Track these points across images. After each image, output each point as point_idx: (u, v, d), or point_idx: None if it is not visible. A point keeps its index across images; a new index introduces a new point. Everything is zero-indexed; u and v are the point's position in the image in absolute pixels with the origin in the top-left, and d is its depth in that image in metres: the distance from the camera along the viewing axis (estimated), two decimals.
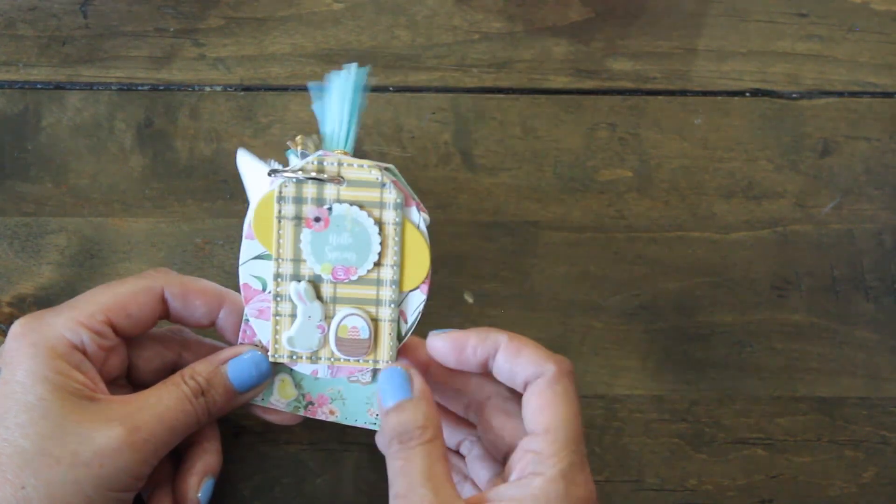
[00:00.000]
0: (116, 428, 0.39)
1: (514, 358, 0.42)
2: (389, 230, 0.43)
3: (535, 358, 0.42)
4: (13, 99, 0.52)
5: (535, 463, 0.40)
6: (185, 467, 0.44)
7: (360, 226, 0.43)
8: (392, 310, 0.44)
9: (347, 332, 0.43)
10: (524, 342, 0.42)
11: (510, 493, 0.39)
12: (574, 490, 0.39)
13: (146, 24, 0.53)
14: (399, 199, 0.43)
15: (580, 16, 0.54)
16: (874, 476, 0.50)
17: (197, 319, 0.44)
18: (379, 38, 0.53)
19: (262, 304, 0.44)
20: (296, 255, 0.43)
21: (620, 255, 0.51)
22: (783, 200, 0.52)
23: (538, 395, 0.41)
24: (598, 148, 0.52)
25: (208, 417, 0.42)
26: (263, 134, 0.52)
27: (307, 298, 0.43)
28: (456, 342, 0.43)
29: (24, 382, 0.39)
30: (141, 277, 0.43)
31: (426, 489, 0.39)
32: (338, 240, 0.43)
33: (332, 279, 0.43)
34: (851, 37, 0.54)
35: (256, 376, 0.43)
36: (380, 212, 0.43)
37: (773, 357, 0.51)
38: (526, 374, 0.42)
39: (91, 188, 0.51)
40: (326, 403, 0.45)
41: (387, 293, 0.44)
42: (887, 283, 0.51)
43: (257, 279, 0.44)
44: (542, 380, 0.41)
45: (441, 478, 0.39)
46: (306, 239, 0.43)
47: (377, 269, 0.43)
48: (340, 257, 0.43)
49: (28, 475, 0.38)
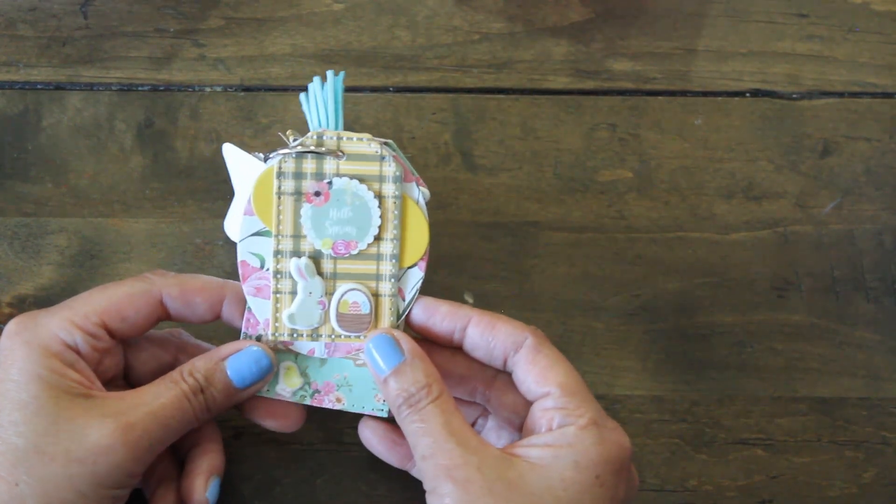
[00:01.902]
0: (110, 424, 0.39)
1: (489, 332, 0.42)
2: (389, 203, 0.43)
3: (511, 329, 0.42)
4: (13, 99, 0.52)
5: (563, 416, 0.40)
6: (191, 468, 0.44)
7: (361, 199, 0.43)
8: (392, 284, 0.44)
9: (349, 308, 0.44)
10: (496, 316, 0.43)
11: (545, 439, 0.39)
12: (609, 434, 0.40)
13: (146, 25, 0.53)
14: (398, 172, 0.43)
15: (580, 16, 0.54)
16: (874, 476, 0.50)
17: (200, 316, 0.44)
18: (379, 38, 0.53)
19: (259, 282, 0.44)
20: (296, 230, 0.43)
21: (620, 256, 0.51)
22: (783, 201, 0.52)
23: (532, 362, 0.41)
24: (598, 148, 0.52)
25: (208, 414, 0.42)
26: (263, 134, 0.52)
27: (308, 274, 0.43)
28: (428, 305, 0.44)
29: (17, 380, 0.39)
30: (138, 280, 0.43)
31: (451, 444, 0.39)
32: (338, 214, 0.43)
33: (333, 254, 0.43)
34: (851, 37, 0.54)
35: (257, 372, 0.43)
36: (380, 185, 0.43)
37: (773, 357, 0.51)
38: (505, 346, 0.42)
39: (91, 188, 0.51)
40: (333, 391, 0.45)
41: (387, 268, 0.44)
42: (887, 284, 0.51)
43: (255, 256, 0.44)
44: (527, 348, 0.42)
45: (463, 429, 0.40)
46: (306, 214, 0.43)
47: (377, 243, 0.44)
48: (341, 231, 0.43)
49: (22, 472, 0.38)
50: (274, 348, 0.44)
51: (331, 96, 0.44)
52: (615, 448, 0.39)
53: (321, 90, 0.44)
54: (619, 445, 0.40)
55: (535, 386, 0.41)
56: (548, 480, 0.38)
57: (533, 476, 0.38)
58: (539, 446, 0.39)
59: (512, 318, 0.43)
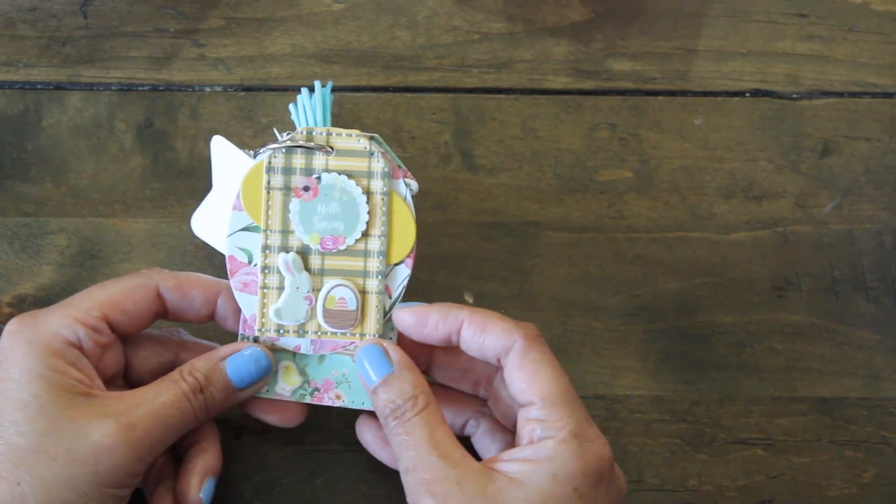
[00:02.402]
0: (111, 424, 0.39)
1: (480, 334, 0.42)
2: (377, 199, 0.44)
3: (501, 331, 0.42)
4: (13, 99, 0.52)
5: (543, 429, 0.40)
6: (186, 468, 0.44)
7: (349, 195, 0.43)
8: (379, 281, 0.44)
9: (335, 304, 0.44)
10: (487, 316, 0.42)
11: (524, 453, 0.40)
12: (588, 446, 0.40)
13: (146, 25, 0.53)
14: (387, 168, 0.43)
15: (580, 16, 0.54)
16: (874, 476, 0.50)
17: (196, 311, 0.44)
18: (379, 38, 0.53)
19: (246, 278, 0.44)
20: (284, 225, 0.44)
21: (620, 256, 0.51)
22: (783, 201, 0.52)
23: (519, 368, 0.41)
24: (598, 148, 0.52)
25: (207, 414, 0.42)
26: (263, 134, 0.52)
27: (295, 269, 0.43)
28: (419, 316, 0.43)
29: (19, 380, 0.39)
30: (135, 275, 0.44)
31: (434, 457, 0.39)
32: (326, 209, 0.43)
33: (321, 249, 0.44)
34: (851, 37, 0.54)
35: (256, 373, 0.43)
36: (368, 181, 0.44)
37: (773, 357, 0.51)
38: (496, 348, 0.42)
39: (91, 188, 0.51)
40: (332, 388, 0.45)
41: (374, 264, 0.44)
42: (887, 284, 0.51)
43: (243, 251, 0.44)
44: (515, 352, 0.41)
45: (446, 442, 0.40)
46: (295, 209, 0.43)
47: (365, 239, 0.44)
48: (329, 227, 0.43)
49: (23, 472, 0.38)
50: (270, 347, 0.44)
51: (319, 105, 0.45)
52: (594, 460, 0.39)
53: (310, 100, 0.45)
54: (599, 456, 0.40)
55: (520, 393, 0.41)
56: (527, 494, 0.38)
57: (512, 490, 0.38)
58: (518, 461, 0.39)
59: (505, 318, 0.42)
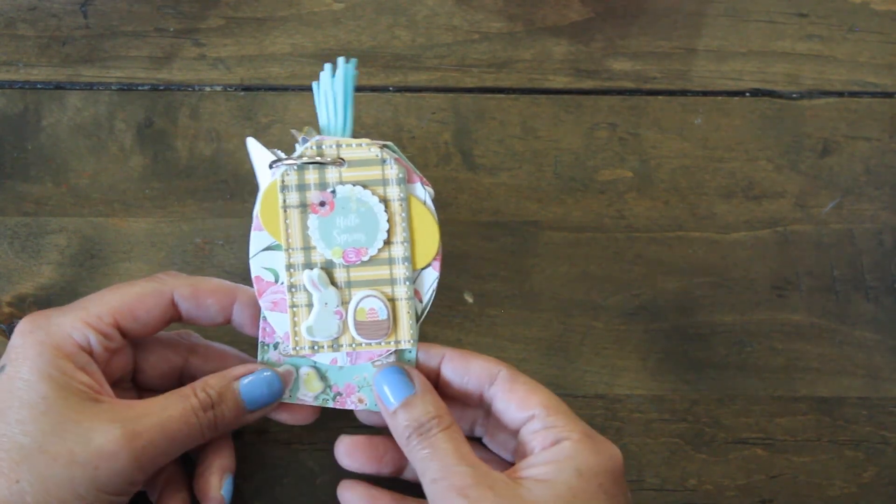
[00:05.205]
0: (116, 430, 0.39)
1: (463, 367, 0.43)
2: (395, 206, 0.43)
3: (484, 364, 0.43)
4: (13, 99, 0.52)
5: (555, 433, 0.40)
6: (203, 467, 0.44)
7: (366, 205, 0.43)
8: (408, 287, 0.44)
9: (366, 315, 0.43)
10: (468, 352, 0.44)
11: (544, 457, 0.40)
12: (602, 446, 0.41)
13: (146, 24, 0.53)
14: (401, 174, 0.43)
15: (580, 16, 0.54)
16: (874, 476, 0.50)
17: (211, 318, 0.44)
18: (379, 38, 0.53)
19: (275, 297, 0.44)
20: (305, 242, 0.43)
21: (620, 255, 0.51)
22: (783, 200, 0.52)
23: (510, 391, 0.42)
24: (598, 148, 0.52)
25: (215, 432, 0.42)
26: (263, 134, 0.52)
27: (321, 285, 0.43)
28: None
29: (28, 380, 0.39)
30: (150, 280, 0.43)
31: (463, 466, 0.39)
32: (345, 222, 0.43)
33: (344, 262, 0.43)
34: (851, 37, 0.54)
35: (268, 395, 0.43)
36: (383, 189, 0.43)
37: (773, 357, 0.51)
38: (479, 379, 0.43)
39: (91, 188, 0.51)
40: (354, 392, 0.45)
41: (400, 271, 0.44)
42: (887, 283, 0.51)
43: (269, 271, 0.44)
44: (503, 379, 0.42)
45: (472, 456, 0.40)
46: (314, 225, 0.43)
47: (388, 247, 0.43)
48: (350, 239, 0.43)
49: (24, 470, 0.38)
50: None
51: (340, 87, 0.43)
52: (611, 459, 0.40)
53: (331, 80, 0.43)
54: (614, 456, 0.41)
55: (517, 412, 0.42)
56: (556, 491, 0.39)
57: (542, 490, 0.39)
58: (540, 464, 0.40)
59: (483, 354, 0.44)
